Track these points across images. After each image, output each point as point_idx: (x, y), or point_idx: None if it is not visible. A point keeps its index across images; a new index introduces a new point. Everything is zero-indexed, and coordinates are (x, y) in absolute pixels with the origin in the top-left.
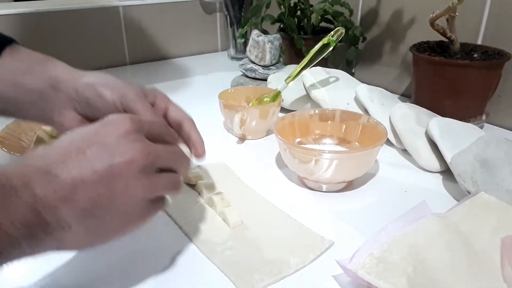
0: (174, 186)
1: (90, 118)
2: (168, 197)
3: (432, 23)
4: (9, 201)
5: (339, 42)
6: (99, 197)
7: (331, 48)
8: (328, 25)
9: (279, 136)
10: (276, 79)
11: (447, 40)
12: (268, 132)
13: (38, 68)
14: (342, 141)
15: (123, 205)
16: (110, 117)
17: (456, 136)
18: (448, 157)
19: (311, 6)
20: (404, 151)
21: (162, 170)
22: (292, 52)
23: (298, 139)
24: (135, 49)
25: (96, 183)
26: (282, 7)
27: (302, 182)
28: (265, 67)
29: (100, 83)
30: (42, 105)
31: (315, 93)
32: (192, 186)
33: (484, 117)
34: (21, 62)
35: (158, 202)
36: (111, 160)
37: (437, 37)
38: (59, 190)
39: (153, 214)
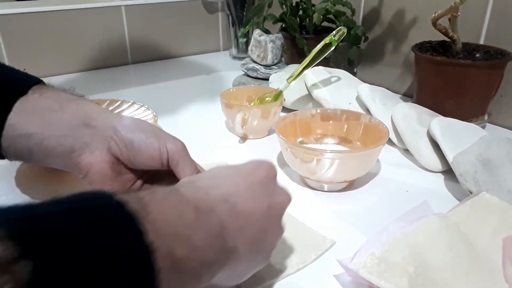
0: None
1: (121, 161)
2: None
3: (434, 23)
4: (204, 223)
5: (341, 41)
6: (261, 231)
7: (333, 48)
8: (330, 24)
9: (280, 136)
10: (278, 78)
11: (449, 40)
12: (270, 132)
13: (71, 105)
14: (343, 140)
15: (272, 241)
16: (255, 162)
17: (458, 136)
18: (450, 157)
19: (313, 5)
20: (406, 151)
21: None
22: (294, 51)
23: (300, 139)
24: (137, 48)
25: (262, 217)
26: (284, 6)
27: (304, 182)
28: (266, 66)
29: (140, 128)
30: (71, 142)
31: (317, 93)
32: None
33: (486, 117)
34: (51, 99)
35: None
36: (271, 199)
37: (439, 37)
38: (238, 218)
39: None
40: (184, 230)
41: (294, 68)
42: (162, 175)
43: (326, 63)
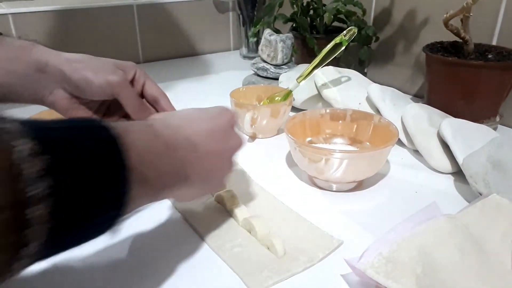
0: None
1: (76, 96)
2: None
3: (446, 23)
4: (169, 157)
5: (352, 41)
6: (212, 166)
7: (343, 48)
8: (341, 24)
9: (289, 135)
10: (288, 78)
11: (461, 40)
12: (279, 131)
13: (23, 54)
14: (353, 140)
15: (221, 175)
16: (220, 108)
17: (469, 137)
18: (460, 158)
19: (324, 5)
20: (416, 152)
21: None
22: (304, 51)
23: (309, 138)
24: (149, 47)
25: (216, 156)
26: (294, 6)
27: (312, 181)
28: (276, 66)
29: (85, 67)
30: (33, 87)
31: (327, 93)
32: None
33: (497, 118)
34: (6, 50)
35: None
36: (226, 143)
37: (451, 37)
38: (196, 155)
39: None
40: (153, 159)
41: (304, 67)
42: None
43: (336, 63)
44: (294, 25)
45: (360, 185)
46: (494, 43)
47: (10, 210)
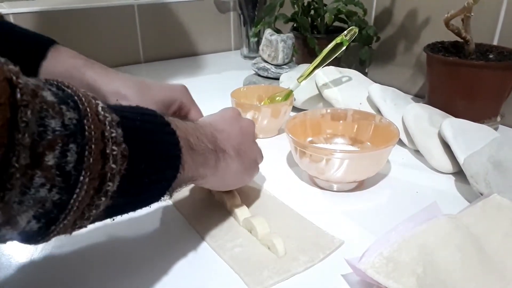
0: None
1: None
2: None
3: (447, 23)
4: (202, 129)
5: (353, 41)
6: (241, 143)
7: (344, 48)
8: (342, 24)
9: (290, 135)
10: (288, 78)
11: (462, 40)
12: (280, 131)
13: (77, 74)
14: (354, 140)
15: (252, 153)
16: (223, 108)
17: (470, 137)
18: (461, 158)
19: (325, 5)
20: (417, 152)
21: None
22: (305, 51)
23: (310, 138)
24: (150, 47)
25: (237, 134)
26: (295, 6)
27: (313, 181)
28: (277, 66)
29: (127, 98)
30: None
31: (328, 93)
32: None
33: (498, 118)
34: (60, 66)
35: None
36: (240, 124)
37: (452, 37)
38: (222, 133)
39: (256, 173)
40: (191, 131)
41: (304, 67)
42: None
43: (337, 63)
44: (295, 25)
45: (361, 185)
46: (495, 43)
47: (101, 142)
